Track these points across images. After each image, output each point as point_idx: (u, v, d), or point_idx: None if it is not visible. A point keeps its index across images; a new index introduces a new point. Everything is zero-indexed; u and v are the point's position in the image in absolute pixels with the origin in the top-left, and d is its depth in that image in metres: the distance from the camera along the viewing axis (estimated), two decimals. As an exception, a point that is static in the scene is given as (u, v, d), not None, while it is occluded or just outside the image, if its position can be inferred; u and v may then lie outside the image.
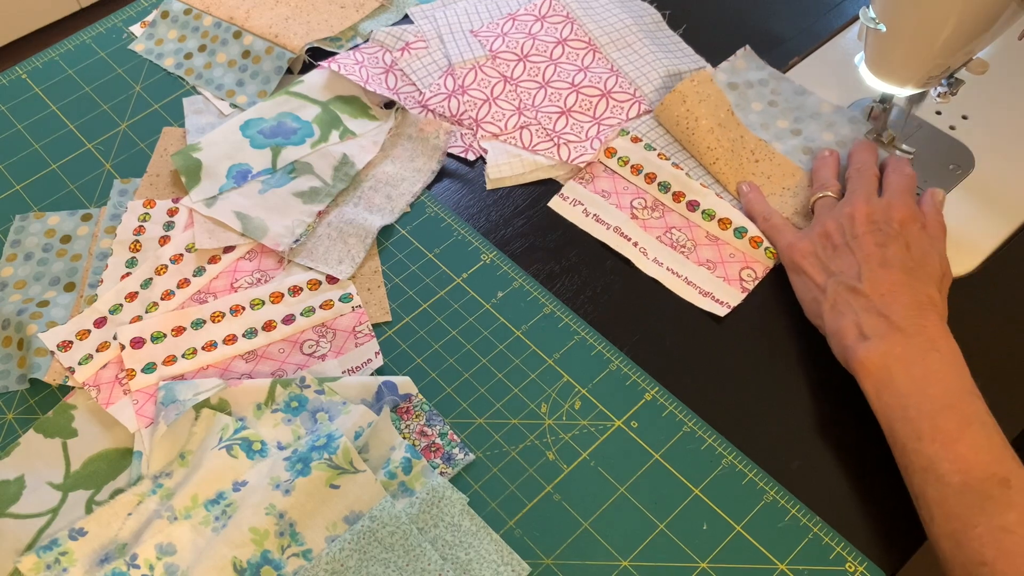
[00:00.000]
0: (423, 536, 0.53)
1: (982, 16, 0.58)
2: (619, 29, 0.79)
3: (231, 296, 0.65)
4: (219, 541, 0.52)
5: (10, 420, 0.60)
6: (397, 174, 0.72)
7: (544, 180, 0.72)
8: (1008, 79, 0.75)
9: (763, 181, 0.69)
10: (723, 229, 0.67)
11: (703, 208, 0.67)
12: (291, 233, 0.68)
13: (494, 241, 0.69)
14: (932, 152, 0.71)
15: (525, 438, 0.59)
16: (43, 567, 0.52)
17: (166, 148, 0.74)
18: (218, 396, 0.59)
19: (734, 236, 0.66)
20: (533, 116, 0.75)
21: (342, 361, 0.62)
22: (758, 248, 0.65)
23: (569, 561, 0.54)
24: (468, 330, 0.64)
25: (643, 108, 0.74)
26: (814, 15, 0.82)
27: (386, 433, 0.58)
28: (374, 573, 0.51)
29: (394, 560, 0.52)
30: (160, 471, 0.56)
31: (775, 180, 0.69)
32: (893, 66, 0.64)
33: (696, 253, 0.66)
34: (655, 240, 0.67)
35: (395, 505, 0.53)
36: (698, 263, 0.66)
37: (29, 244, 0.69)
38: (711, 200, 0.67)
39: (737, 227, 0.66)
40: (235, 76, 0.78)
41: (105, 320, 0.63)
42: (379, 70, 0.79)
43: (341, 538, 0.52)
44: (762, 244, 0.65)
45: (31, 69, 0.81)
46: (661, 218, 0.68)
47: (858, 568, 0.53)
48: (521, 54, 0.78)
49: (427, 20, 0.82)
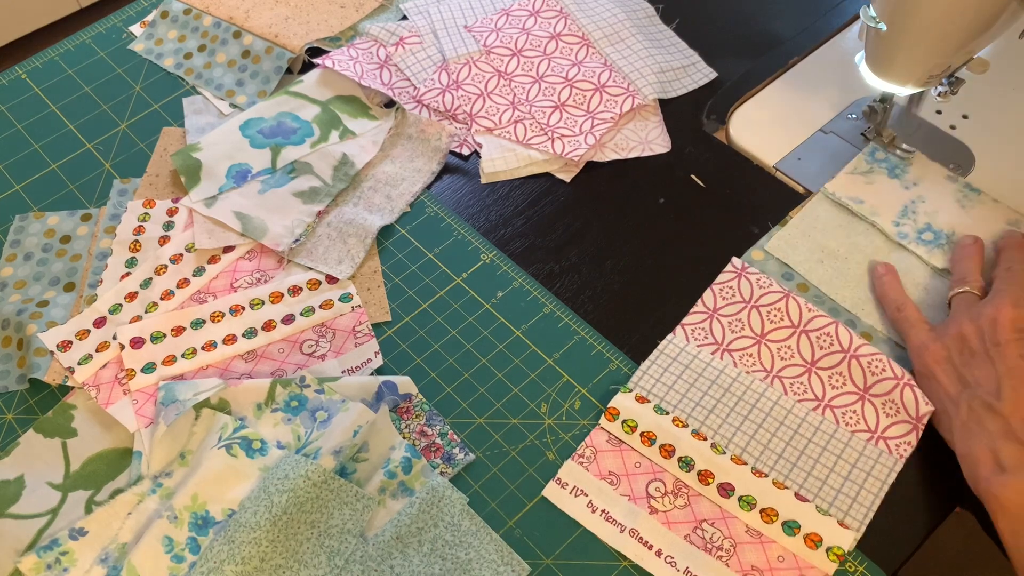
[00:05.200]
0: (423, 536, 0.53)
1: (982, 15, 0.58)
2: (612, 24, 0.79)
3: (231, 296, 0.65)
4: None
5: (10, 420, 0.60)
6: (397, 174, 0.73)
7: (544, 179, 0.72)
8: (1008, 79, 0.75)
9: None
10: (767, 522, 0.53)
11: (739, 494, 0.54)
12: (291, 233, 0.68)
13: (494, 241, 0.69)
14: (932, 152, 0.70)
15: (525, 438, 0.59)
16: (43, 567, 0.52)
17: (166, 148, 0.74)
18: (218, 396, 0.59)
19: (783, 532, 0.53)
20: (527, 110, 0.75)
21: (342, 361, 0.62)
22: (816, 550, 0.52)
23: (569, 561, 0.54)
24: (468, 330, 0.64)
25: (637, 102, 0.74)
26: (814, 15, 0.82)
27: (386, 433, 0.58)
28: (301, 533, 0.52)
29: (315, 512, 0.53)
30: (160, 471, 0.56)
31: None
32: (893, 65, 0.64)
33: (737, 557, 0.52)
34: (683, 541, 0.53)
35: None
36: (741, 572, 0.52)
37: (29, 244, 0.69)
38: (748, 483, 0.54)
39: (786, 521, 0.53)
40: (235, 76, 0.78)
41: (105, 320, 0.63)
42: (373, 66, 0.79)
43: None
44: (821, 544, 0.52)
45: (31, 69, 0.81)
46: (687, 507, 0.54)
47: (858, 568, 0.53)
48: (515, 49, 0.78)
49: (421, 15, 0.82)
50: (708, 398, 0.58)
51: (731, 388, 0.59)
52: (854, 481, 0.55)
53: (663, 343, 0.61)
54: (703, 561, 0.52)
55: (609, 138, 0.74)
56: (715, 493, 0.55)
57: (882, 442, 0.56)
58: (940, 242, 0.65)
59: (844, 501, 0.54)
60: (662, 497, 0.55)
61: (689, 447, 0.56)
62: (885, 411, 0.57)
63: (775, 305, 0.62)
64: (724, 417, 0.57)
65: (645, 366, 0.60)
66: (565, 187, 0.72)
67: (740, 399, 0.58)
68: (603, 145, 0.73)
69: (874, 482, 0.55)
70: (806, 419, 0.58)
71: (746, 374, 0.60)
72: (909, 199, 0.68)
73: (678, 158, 0.73)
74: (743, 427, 0.57)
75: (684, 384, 0.59)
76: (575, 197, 0.71)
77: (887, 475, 0.55)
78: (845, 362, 0.59)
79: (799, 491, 0.55)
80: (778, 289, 0.62)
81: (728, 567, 0.52)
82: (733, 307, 0.62)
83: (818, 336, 0.60)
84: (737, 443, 0.57)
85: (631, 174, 0.72)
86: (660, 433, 0.57)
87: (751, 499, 0.54)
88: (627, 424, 0.57)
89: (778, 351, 0.60)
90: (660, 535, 0.54)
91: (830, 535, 0.53)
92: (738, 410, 0.58)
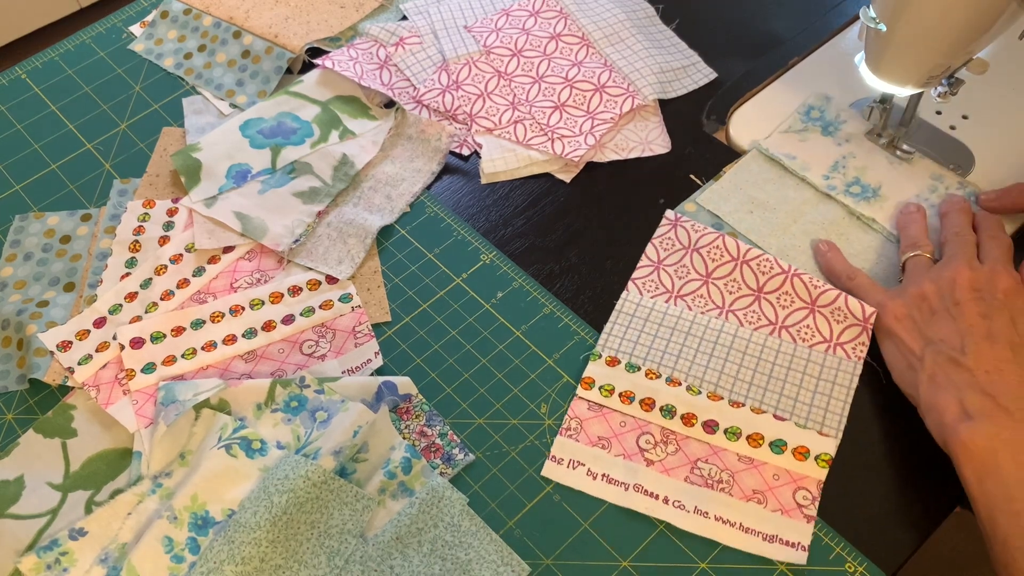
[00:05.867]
0: (422, 536, 0.53)
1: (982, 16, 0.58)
2: (612, 24, 0.79)
3: (231, 296, 0.65)
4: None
5: (10, 420, 0.60)
6: (397, 174, 0.73)
7: (544, 179, 0.72)
8: (1008, 79, 0.75)
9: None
10: (755, 447, 0.56)
11: (724, 428, 0.57)
12: (291, 233, 0.68)
13: (494, 241, 0.69)
14: (932, 152, 0.71)
15: (525, 438, 0.59)
16: (43, 567, 0.52)
17: (166, 148, 0.74)
18: (218, 396, 0.59)
19: (771, 452, 0.56)
20: (527, 111, 0.75)
21: (342, 361, 0.62)
22: (805, 461, 0.56)
23: (569, 561, 0.54)
24: (468, 330, 0.64)
25: (637, 102, 0.74)
26: (814, 15, 0.82)
27: (386, 433, 0.58)
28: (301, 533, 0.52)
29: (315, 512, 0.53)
30: (160, 471, 0.56)
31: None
32: (893, 66, 0.64)
33: (737, 485, 0.55)
34: (685, 484, 0.55)
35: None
36: (744, 498, 0.55)
37: (29, 244, 0.69)
38: (729, 415, 0.57)
39: (772, 441, 0.56)
40: (235, 76, 0.78)
41: (105, 320, 0.63)
42: (373, 66, 0.79)
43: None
44: (809, 455, 0.56)
45: (31, 69, 0.81)
46: (679, 451, 0.57)
47: (858, 568, 0.53)
48: (515, 49, 0.78)
49: (421, 16, 0.82)
50: (673, 344, 0.61)
51: (691, 330, 0.61)
52: (823, 393, 0.58)
53: (619, 302, 0.64)
54: (708, 497, 0.55)
55: (609, 138, 0.74)
56: (701, 432, 0.57)
57: (839, 349, 0.60)
58: (867, 195, 0.68)
59: (818, 413, 0.58)
60: (654, 448, 0.57)
61: (667, 395, 0.58)
62: (835, 319, 0.61)
63: (713, 244, 0.65)
64: (692, 359, 0.60)
65: (608, 327, 0.62)
66: (565, 187, 0.72)
67: (702, 339, 0.61)
68: (603, 145, 0.74)
69: (840, 390, 0.58)
70: (766, 344, 0.61)
71: (701, 314, 0.62)
72: (840, 155, 0.71)
73: (678, 158, 0.73)
74: (711, 364, 0.60)
75: (648, 336, 0.61)
76: (575, 197, 0.71)
77: (850, 380, 0.59)
78: (788, 281, 0.62)
79: (776, 412, 0.58)
80: (712, 231, 0.65)
81: (732, 496, 0.55)
82: (676, 255, 0.65)
83: (758, 263, 0.63)
84: (709, 381, 0.59)
85: (631, 174, 0.72)
86: (637, 389, 0.59)
87: (735, 429, 0.57)
88: (604, 389, 0.59)
89: (725, 286, 0.63)
90: (662, 483, 0.56)
91: (814, 445, 0.56)
92: (702, 349, 0.60)
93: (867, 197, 0.68)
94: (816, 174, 0.70)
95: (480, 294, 0.66)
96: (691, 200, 0.69)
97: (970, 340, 0.54)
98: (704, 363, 0.60)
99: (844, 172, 0.70)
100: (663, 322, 0.62)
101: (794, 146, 0.72)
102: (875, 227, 0.67)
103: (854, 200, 0.68)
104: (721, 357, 0.60)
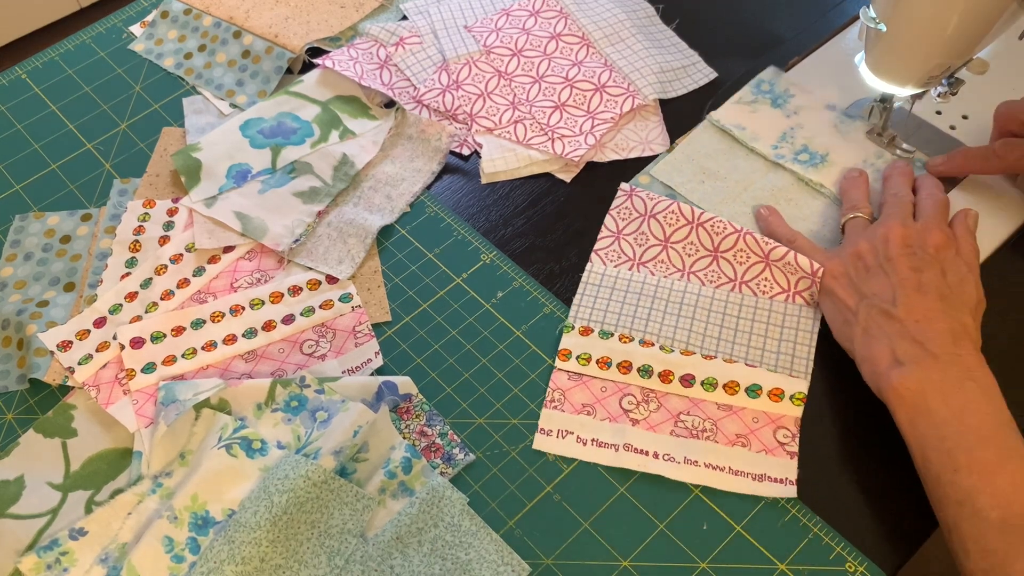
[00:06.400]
0: (423, 536, 0.53)
1: (982, 16, 0.58)
2: (612, 24, 0.79)
3: (231, 296, 0.65)
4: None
5: (10, 420, 0.60)
6: (397, 174, 0.73)
7: (544, 179, 0.72)
8: (1008, 79, 0.75)
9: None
10: (732, 394, 0.59)
11: (700, 380, 0.59)
12: (291, 233, 0.68)
13: (494, 241, 0.69)
14: (932, 152, 0.70)
15: (525, 438, 0.59)
16: (43, 567, 0.52)
17: (166, 148, 0.74)
18: (218, 396, 0.59)
19: (748, 397, 0.58)
20: (527, 110, 0.75)
21: (342, 361, 0.62)
22: (781, 401, 0.58)
23: (569, 561, 0.54)
24: (468, 330, 0.64)
25: (637, 102, 0.74)
26: (814, 15, 0.82)
27: (386, 433, 0.58)
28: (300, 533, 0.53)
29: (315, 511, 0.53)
30: (160, 471, 0.56)
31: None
32: (893, 66, 0.64)
33: (721, 432, 0.57)
34: (671, 438, 0.57)
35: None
36: (729, 443, 0.57)
37: (29, 244, 0.69)
38: (703, 368, 0.60)
39: (747, 387, 0.59)
40: (235, 76, 0.78)
41: (105, 320, 0.63)
42: (373, 66, 0.79)
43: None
44: (784, 395, 0.58)
45: (31, 69, 0.81)
46: (660, 408, 0.59)
47: (858, 568, 0.53)
48: (515, 49, 0.78)
49: (421, 15, 0.82)
50: (641, 309, 0.63)
51: (656, 294, 0.64)
52: (788, 339, 0.61)
53: (584, 274, 0.66)
54: (695, 446, 0.57)
55: (609, 138, 0.74)
56: (680, 387, 0.59)
57: (798, 297, 0.63)
58: (815, 162, 0.70)
59: (786, 359, 0.60)
60: (637, 408, 0.59)
61: (642, 356, 0.60)
62: (789, 271, 0.63)
63: (668, 210, 0.67)
64: (661, 321, 0.62)
65: (577, 299, 0.64)
66: (565, 187, 0.72)
67: (668, 301, 0.63)
68: (603, 145, 0.74)
69: (804, 334, 0.61)
70: (728, 299, 0.63)
71: (664, 278, 0.65)
72: (788, 126, 0.73)
73: (678, 158, 0.73)
74: (680, 324, 0.62)
75: (616, 304, 0.63)
76: (575, 197, 0.71)
77: (812, 325, 0.62)
78: (741, 239, 0.64)
79: (747, 361, 0.60)
80: (666, 199, 0.68)
81: (718, 443, 0.57)
82: (634, 223, 0.68)
83: (712, 225, 0.65)
84: (680, 339, 0.61)
85: (631, 174, 0.72)
86: (613, 354, 0.61)
87: (712, 380, 0.59)
88: (581, 358, 0.61)
89: (684, 249, 0.66)
90: (650, 440, 0.58)
91: (788, 386, 0.59)
92: (670, 311, 0.63)
93: (815, 164, 0.70)
94: (765, 144, 0.72)
95: (480, 294, 0.66)
96: (644, 172, 0.71)
97: (901, 292, 0.56)
98: (673, 323, 0.62)
99: (792, 141, 0.72)
100: (629, 288, 0.64)
101: (744, 117, 0.73)
102: (823, 192, 0.69)
103: (803, 167, 0.70)
104: (688, 316, 0.62)
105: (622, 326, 0.62)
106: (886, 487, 0.56)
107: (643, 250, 0.66)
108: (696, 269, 0.65)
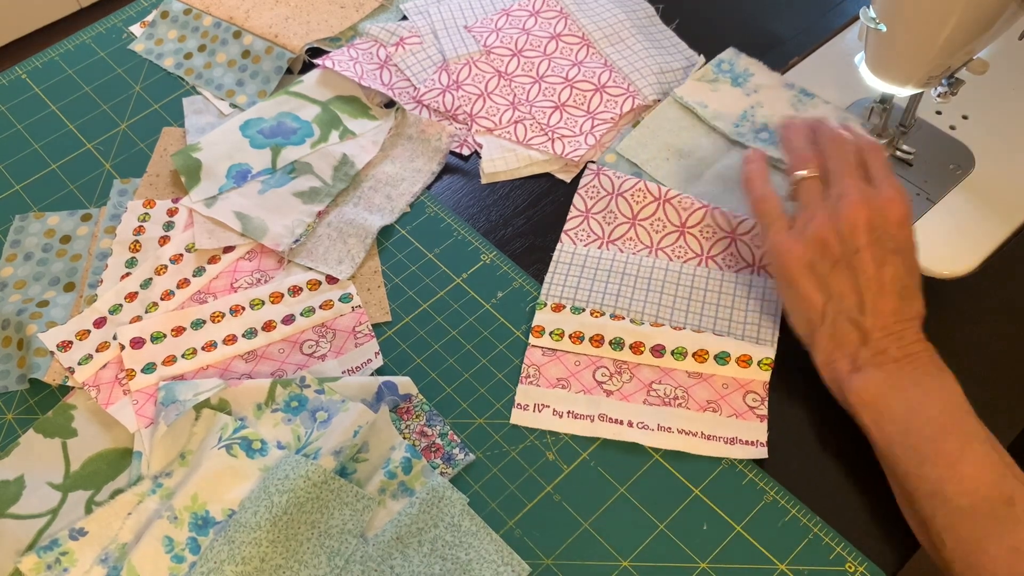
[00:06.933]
0: (423, 536, 0.53)
1: (982, 16, 0.58)
2: (612, 24, 0.80)
3: (231, 296, 0.65)
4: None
5: (10, 420, 0.60)
6: (397, 174, 0.73)
7: (544, 179, 0.72)
8: (1008, 79, 0.75)
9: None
10: (702, 362, 0.60)
11: (670, 349, 0.60)
12: (291, 233, 0.68)
13: (494, 241, 0.69)
14: (932, 152, 0.70)
15: (525, 438, 0.59)
16: (43, 567, 0.52)
17: (166, 148, 0.74)
18: (218, 396, 0.59)
19: (717, 364, 0.60)
20: (527, 111, 0.75)
21: (342, 361, 0.62)
22: (749, 367, 0.60)
23: (569, 561, 0.54)
24: (468, 330, 0.64)
25: (637, 102, 0.74)
26: (814, 15, 0.82)
27: (386, 433, 0.58)
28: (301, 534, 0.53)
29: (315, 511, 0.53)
30: (160, 471, 0.56)
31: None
32: (893, 66, 0.64)
33: (692, 399, 0.59)
34: (644, 406, 0.59)
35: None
36: (700, 409, 0.59)
37: (29, 244, 0.69)
38: (673, 338, 0.61)
39: (716, 354, 0.60)
40: (235, 76, 0.78)
41: (105, 320, 0.63)
42: (373, 66, 0.79)
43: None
44: (752, 361, 0.60)
45: (31, 69, 0.81)
46: (633, 378, 0.60)
47: (858, 568, 0.53)
48: (515, 49, 0.78)
49: (421, 16, 0.82)
50: (611, 285, 0.64)
51: (625, 271, 0.65)
52: (753, 310, 0.63)
53: (555, 253, 0.67)
54: (668, 413, 0.59)
55: (609, 138, 0.74)
56: (650, 357, 0.61)
57: (763, 271, 0.64)
58: (776, 140, 0.71)
59: (752, 328, 0.62)
60: (610, 379, 0.60)
61: (614, 330, 0.62)
62: (755, 244, 0.65)
63: (635, 187, 0.68)
64: (630, 296, 0.63)
65: (548, 278, 0.65)
66: (565, 187, 0.72)
67: (636, 276, 0.65)
68: (603, 145, 0.74)
69: (769, 304, 0.63)
70: (696, 274, 0.65)
71: (633, 255, 0.66)
72: (748, 105, 0.74)
73: (678, 158, 0.73)
74: (649, 299, 0.63)
75: (587, 281, 0.65)
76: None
77: (777, 297, 0.63)
78: (708, 215, 0.66)
79: (714, 331, 0.62)
80: (632, 178, 0.69)
81: (689, 409, 0.59)
82: (602, 202, 0.69)
83: (679, 201, 0.67)
84: (649, 312, 0.63)
85: (631, 174, 0.72)
86: (585, 329, 0.62)
87: (681, 350, 0.61)
88: (554, 334, 0.62)
89: (651, 226, 0.67)
90: (624, 409, 0.59)
91: (755, 352, 0.60)
92: (639, 286, 0.64)
93: (775, 142, 0.71)
94: (727, 123, 0.73)
95: (480, 294, 0.66)
96: (611, 151, 0.73)
97: (868, 296, 0.55)
98: (642, 298, 0.63)
99: (753, 120, 0.73)
100: (599, 266, 0.65)
101: (706, 95, 0.75)
102: (783, 167, 0.68)
103: (764, 145, 0.71)
104: (657, 291, 0.64)
105: (593, 302, 0.63)
106: (887, 487, 0.56)
107: (611, 228, 0.67)
108: (664, 245, 0.66)
